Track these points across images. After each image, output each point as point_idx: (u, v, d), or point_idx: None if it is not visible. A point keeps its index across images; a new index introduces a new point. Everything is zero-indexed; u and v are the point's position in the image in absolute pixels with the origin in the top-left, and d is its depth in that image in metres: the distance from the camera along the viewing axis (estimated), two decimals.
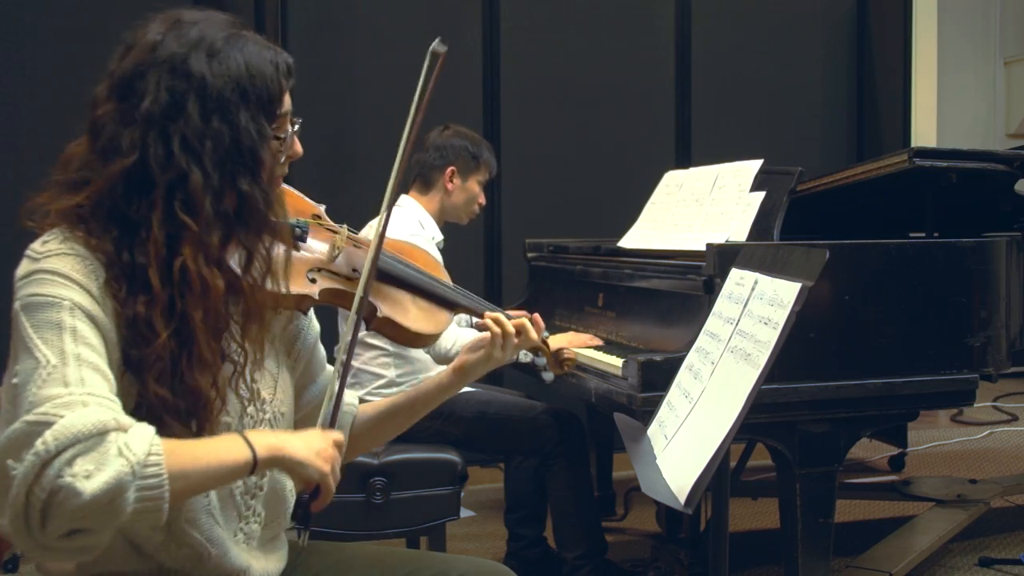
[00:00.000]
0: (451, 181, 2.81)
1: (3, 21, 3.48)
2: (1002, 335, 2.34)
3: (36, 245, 1.13)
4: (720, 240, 2.31)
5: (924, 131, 5.12)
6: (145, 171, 1.13)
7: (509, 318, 1.53)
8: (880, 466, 4.20)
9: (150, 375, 1.11)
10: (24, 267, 1.11)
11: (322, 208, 1.45)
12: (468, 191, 2.85)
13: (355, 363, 2.61)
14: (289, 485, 1.37)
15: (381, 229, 1.34)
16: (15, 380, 1.04)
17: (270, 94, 1.21)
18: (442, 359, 2.60)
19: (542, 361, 1.65)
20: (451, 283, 1.57)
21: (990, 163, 2.58)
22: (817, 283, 1.31)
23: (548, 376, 1.69)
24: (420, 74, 1.37)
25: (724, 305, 1.54)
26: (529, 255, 3.23)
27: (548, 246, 3.17)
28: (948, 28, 6.00)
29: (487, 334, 1.50)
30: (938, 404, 3.15)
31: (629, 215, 2.90)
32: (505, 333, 1.49)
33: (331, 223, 1.44)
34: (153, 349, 1.10)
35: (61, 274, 1.09)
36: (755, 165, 2.44)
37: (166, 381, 1.12)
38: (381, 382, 2.62)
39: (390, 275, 1.46)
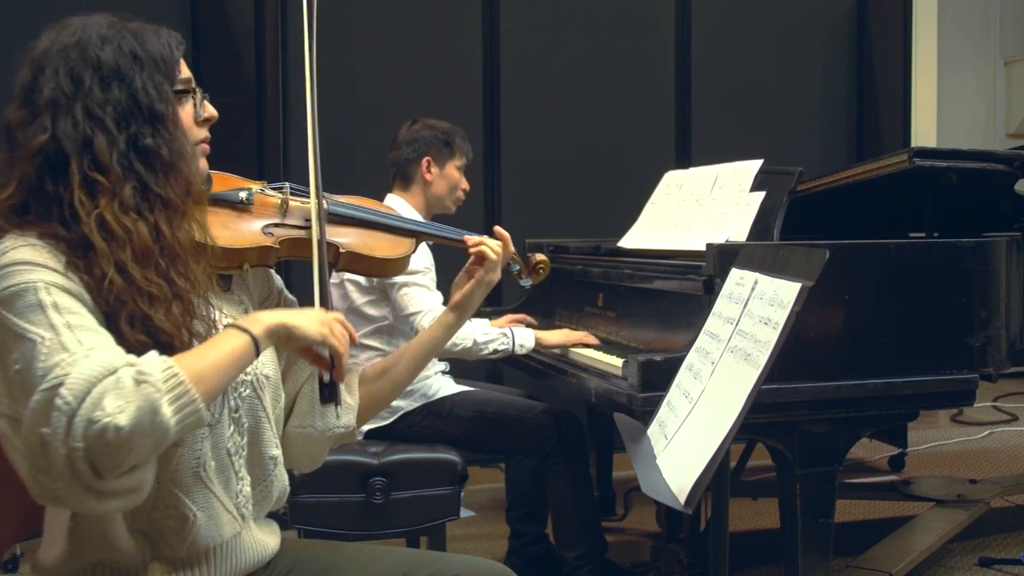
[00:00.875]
0: (428, 171, 2.79)
1: (2, 21, 3.48)
2: (1002, 335, 2.34)
3: None
4: (720, 240, 2.31)
5: (924, 131, 5.12)
6: (58, 148, 1.20)
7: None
8: (880, 466, 4.20)
9: (123, 323, 1.17)
10: None
11: (263, 183, 1.55)
12: (448, 178, 2.84)
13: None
14: (273, 452, 1.40)
15: (315, 165, 1.46)
16: (17, 367, 1.10)
17: (163, 56, 1.29)
18: (468, 354, 2.60)
19: (516, 268, 1.82)
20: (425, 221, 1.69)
21: (990, 163, 2.58)
22: (817, 283, 1.31)
23: (526, 282, 1.84)
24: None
25: (724, 305, 1.54)
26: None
27: (548, 246, 3.17)
28: (948, 28, 6.01)
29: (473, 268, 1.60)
30: (938, 404, 3.16)
31: (629, 215, 2.90)
32: (493, 252, 1.59)
33: (272, 189, 1.54)
34: (112, 294, 1.17)
35: (22, 262, 1.15)
36: (755, 165, 2.44)
37: (138, 325, 1.18)
38: None
39: (342, 216, 1.55)
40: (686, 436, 1.43)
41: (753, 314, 1.41)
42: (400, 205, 2.79)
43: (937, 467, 4.18)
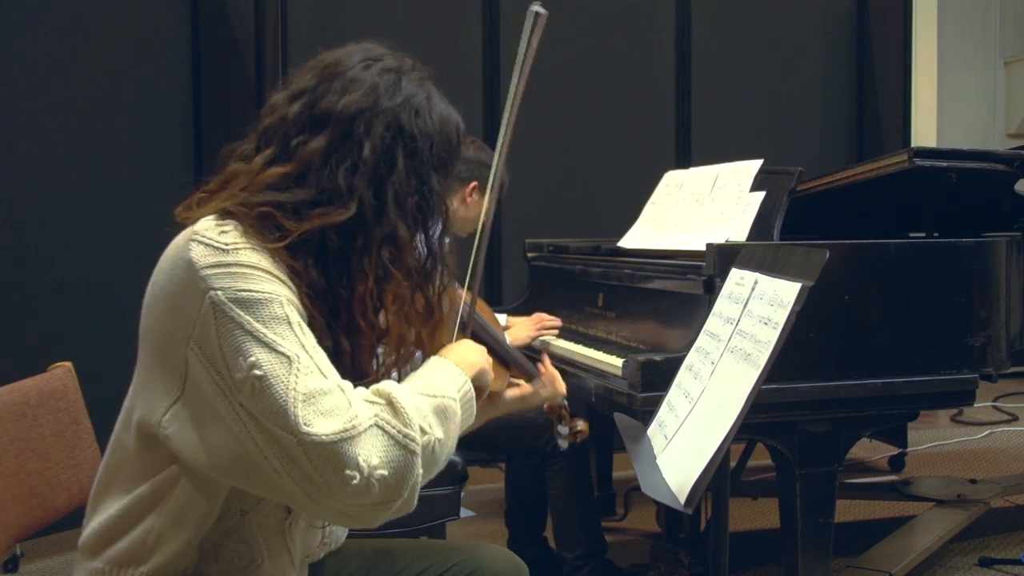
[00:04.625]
0: (470, 195, 2.78)
1: (3, 21, 3.48)
2: (1002, 335, 2.34)
3: (212, 233, 1.12)
4: (720, 240, 2.31)
5: (924, 131, 5.12)
6: (359, 219, 1.17)
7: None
8: (880, 466, 4.20)
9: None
10: (206, 255, 1.10)
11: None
12: (481, 207, 2.82)
13: None
14: None
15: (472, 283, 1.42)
16: (259, 373, 1.06)
17: (453, 160, 1.28)
18: None
19: (564, 430, 1.76)
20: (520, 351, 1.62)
21: (990, 163, 2.58)
22: (817, 283, 1.31)
23: (563, 444, 1.80)
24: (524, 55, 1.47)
25: (724, 305, 1.54)
26: (529, 255, 3.23)
27: (548, 246, 3.17)
28: (948, 28, 6.01)
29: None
30: (938, 404, 3.15)
31: (629, 215, 2.90)
32: (558, 388, 1.56)
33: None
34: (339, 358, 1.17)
35: (263, 269, 1.11)
36: (755, 165, 2.44)
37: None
38: None
39: (474, 332, 1.47)
40: (686, 436, 1.43)
41: (753, 314, 1.41)
42: None
43: (937, 467, 4.18)
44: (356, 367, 1.19)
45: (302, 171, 1.17)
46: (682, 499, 1.32)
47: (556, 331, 2.80)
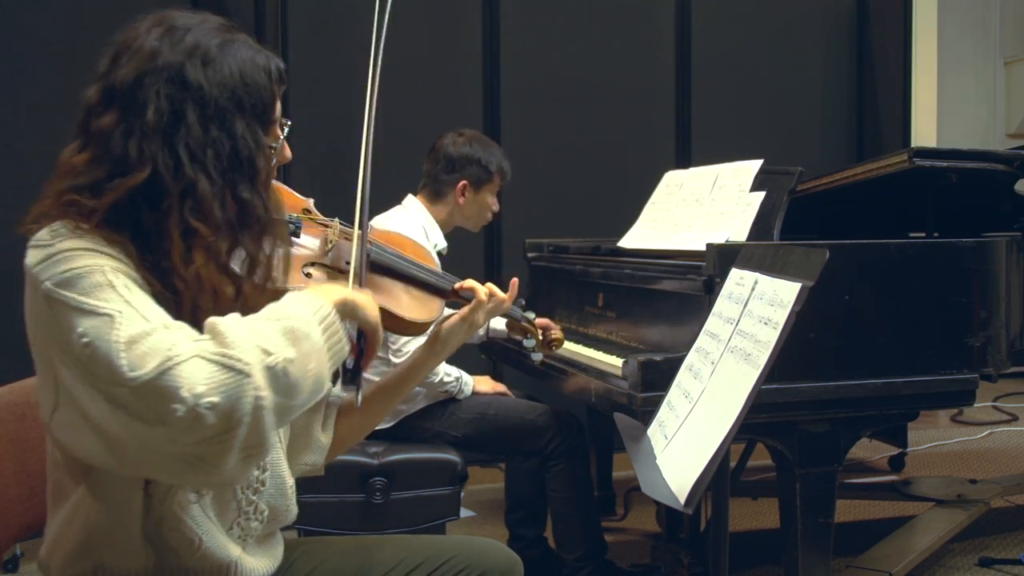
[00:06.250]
0: (462, 195, 2.77)
1: (3, 20, 3.48)
2: (1002, 335, 2.34)
3: (42, 235, 1.13)
4: (720, 240, 2.31)
5: (924, 131, 5.12)
6: (156, 181, 1.15)
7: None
8: (880, 466, 4.20)
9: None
10: (36, 255, 1.11)
11: (311, 202, 1.49)
12: (480, 203, 2.81)
13: None
14: (290, 481, 1.38)
15: (362, 219, 1.39)
16: (86, 340, 1.03)
17: (264, 103, 1.23)
18: (429, 387, 2.60)
19: (531, 343, 1.74)
20: (439, 271, 1.61)
21: (990, 163, 2.58)
22: (817, 283, 1.31)
23: (537, 357, 1.76)
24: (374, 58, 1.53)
25: (724, 305, 1.54)
26: (529, 255, 3.23)
27: (548, 246, 3.17)
28: (948, 28, 6.01)
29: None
30: (938, 404, 3.15)
31: (629, 215, 2.90)
32: (483, 292, 1.54)
33: (321, 217, 1.48)
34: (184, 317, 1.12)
35: (85, 248, 1.11)
36: (755, 165, 2.44)
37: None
38: None
39: (382, 265, 1.49)
40: (686, 436, 1.43)
41: (753, 314, 1.41)
42: (420, 213, 2.77)
43: (937, 467, 4.18)
44: (198, 327, 1.14)
45: (99, 152, 1.17)
46: (682, 499, 1.32)
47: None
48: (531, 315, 1.77)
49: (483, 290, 1.54)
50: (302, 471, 1.47)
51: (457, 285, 1.56)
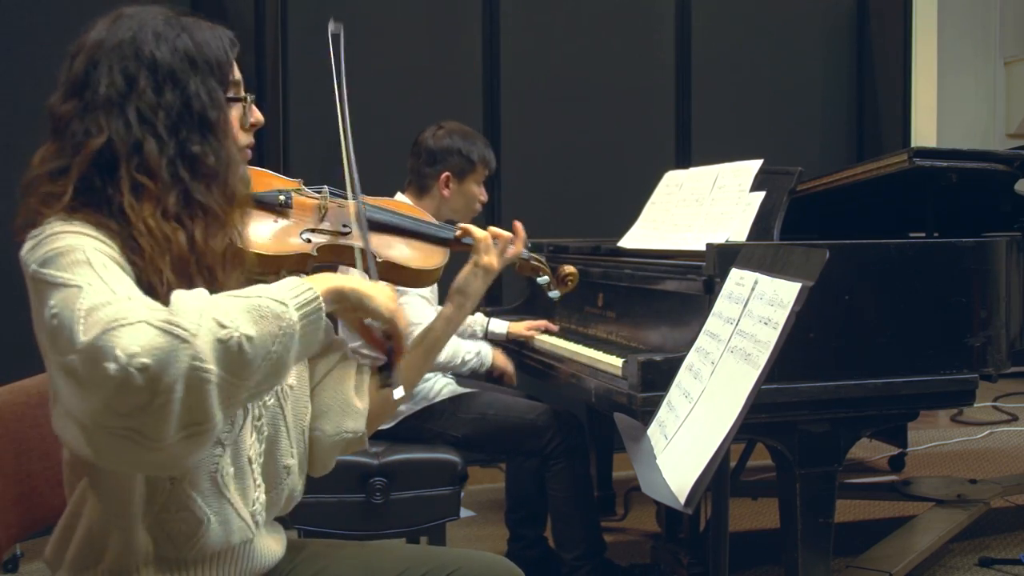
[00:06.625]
0: (446, 187, 2.74)
1: (3, 20, 3.48)
2: (1002, 335, 2.34)
3: (37, 228, 1.15)
4: (720, 240, 2.31)
5: (924, 131, 5.12)
6: (111, 149, 1.19)
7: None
8: (880, 466, 4.20)
9: None
10: (27, 244, 1.14)
11: (299, 182, 1.55)
12: (466, 194, 2.78)
13: None
14: (290, 462, 1.39)
15: (352, 182, 1.48)
16: (54, 311, 1.03)
17: (218, 59, 1.27)
18: (444, 369, 2.62)
19: (544, 279, 1.86)
20: (438, 222, 1.68)
21: (990, 163, 2.58)
22: (817, 283, 1.31)
23: (554, 294, 1.89)
24: (335, 63, 1.60)
25: (724, 305, 1.54)
26: None
27: (548, 246, 3.17)
28: (948, 28, 6.01)
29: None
30: (938, 404, 3.15)
31: (629, 215, 2.90)
32: (479, 234, 1.63)
33: (311, 191, 1.54)
34: (159, 298, 1.12)
35: (71, 231, 1.13)
36: (755, 165, 2.44)
37: None
38: None
39: (379, 223, 1.55)
40: (686, 436, 1.43)
41: (753, 314, 1.41)
42: None
43: (937, 467, 4.18)
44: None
45: (62, 138, 1.21)
46: (682, 499, 1.32)
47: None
48: (535, 254, 1.87)
49: (483, 232, 1.62)
50: (346, 440, 1.45)
51: (458, 232, 1.63)
